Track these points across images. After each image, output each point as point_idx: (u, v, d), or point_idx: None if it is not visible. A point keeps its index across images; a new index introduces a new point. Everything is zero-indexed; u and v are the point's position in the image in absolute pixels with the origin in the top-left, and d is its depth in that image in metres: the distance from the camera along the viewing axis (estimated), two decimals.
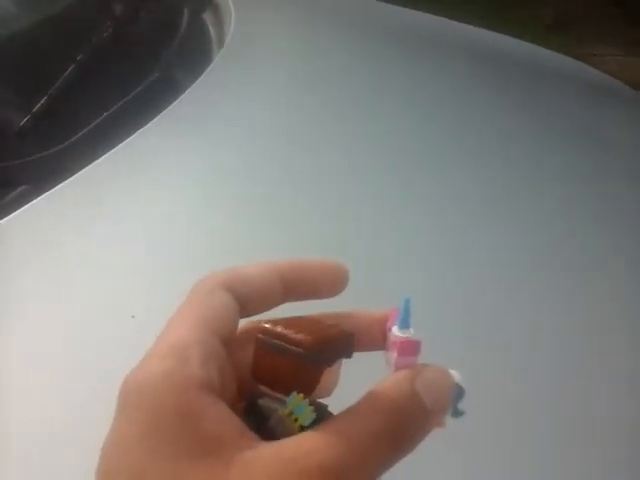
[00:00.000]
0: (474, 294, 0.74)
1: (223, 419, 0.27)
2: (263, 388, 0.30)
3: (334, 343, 0.30)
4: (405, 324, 0.30)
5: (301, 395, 0.28)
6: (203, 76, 1.02)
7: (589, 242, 0.85)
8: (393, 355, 0.29)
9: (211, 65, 1.08)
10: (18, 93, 0.95)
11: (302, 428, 0.28)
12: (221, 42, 1.15)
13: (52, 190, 0.78)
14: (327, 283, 0.33)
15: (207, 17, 1.24)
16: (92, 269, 0.70)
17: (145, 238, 0.75)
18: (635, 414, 0.64)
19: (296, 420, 0.28)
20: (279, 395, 0.29)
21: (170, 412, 0.27)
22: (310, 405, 0.28)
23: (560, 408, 0.63)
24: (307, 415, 0.28)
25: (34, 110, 0.89)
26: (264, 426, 0.29)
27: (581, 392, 0.65)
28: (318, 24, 1.32)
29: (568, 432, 0.61)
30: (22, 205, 0.76)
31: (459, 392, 0.29)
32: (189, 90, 0.99)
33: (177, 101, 0.95)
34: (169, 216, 0.79)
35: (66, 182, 0.80)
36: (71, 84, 0.93)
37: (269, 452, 0.26)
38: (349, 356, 0.30)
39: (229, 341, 0.31)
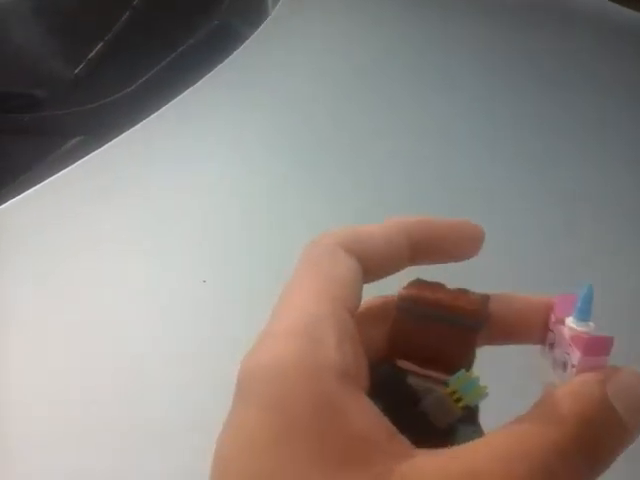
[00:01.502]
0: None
1: (369, 416, 0.22)
2: (404, 364, 0.25)
3: (486, 309, 0.26)
4: (585, 315, 0.25)
5: (470, 372, 0.24)
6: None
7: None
8: (575, 354, 0.24)
9: (268, 18, 1.02)
10: (73, 40, 0.91)
11: (465, 409, 0.24)
12: None
13: (110, 142, 0.74)
14: (460, 244, 0.28)
15: None
16: (159, 234, 0.67)
17: (182, 194, 0.72)
18: None
19: (458, 400, 0.24)
20: (431, 373, 0.25)
21: (306, 406, 0.22)
22: (478, 382, 0.24)
23: None
24: (477, 393, 0.24)
25: (89, 57, 0.84)
26: (408, 408, 0.24)
27: None
28: None
29: None
30: (79, 157, 0.72)
31: None
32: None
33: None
34: (212, 175, 0.75)
35: (123, 135, 0.75)
36: (128, 31, 0.89)
37: (432, 465, 0.21)
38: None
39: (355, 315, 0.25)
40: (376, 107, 0.90)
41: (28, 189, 0.67)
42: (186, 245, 0.65)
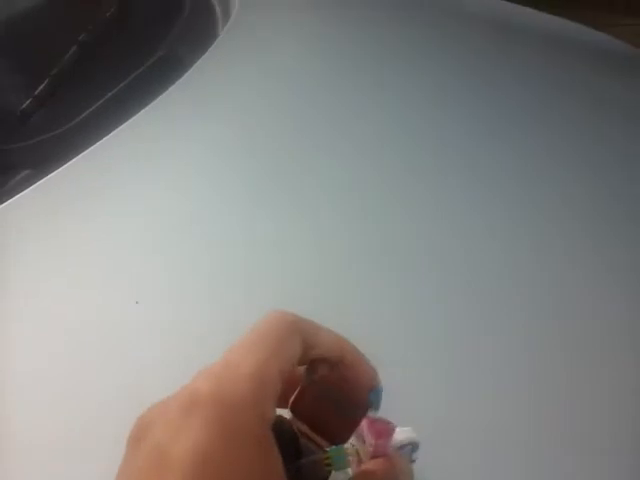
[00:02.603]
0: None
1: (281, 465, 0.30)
2: (301, 426, 0.33)
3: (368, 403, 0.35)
4: (375, 407, 0.35)
5: (346, 448, 0.33)
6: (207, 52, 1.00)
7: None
8: (370, 439, 0.34)
9: (216, 40, 1.05)
10: (19, 75, 0.93)
11: (331, 472, 0.32)
12: (226, 18, 1.12)
13: (53, 173, 0.76)
14: (361, 388, 0.36)
15: None
16: (94, 254, 0.69)
17: (137, 218, 0.74)
18: None
19: (329, 465, 0.32)
20: (317, 438, 0.33)
21: (249, 435, 0.29)
22: (347, 457, 0.33)
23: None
24: (343, 465, 0.32)
25: (36, 93, 0.87)
26: (293, 462, 0.32)
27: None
28: (326, 1, 1.28)
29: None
30: (23, 189, 0.74)
31: (414, 446, 0.36)
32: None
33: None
34: (172, 200, 0.77)
35: (66, 166, 0.78)
36: (73, 65, 0.91)
37: None
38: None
39: None
40: (324, 125, 0.92)
41: None
42: (118, 266, 0.68)
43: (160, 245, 0.71)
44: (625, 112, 1.02)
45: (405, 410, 0.37)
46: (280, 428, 0.32)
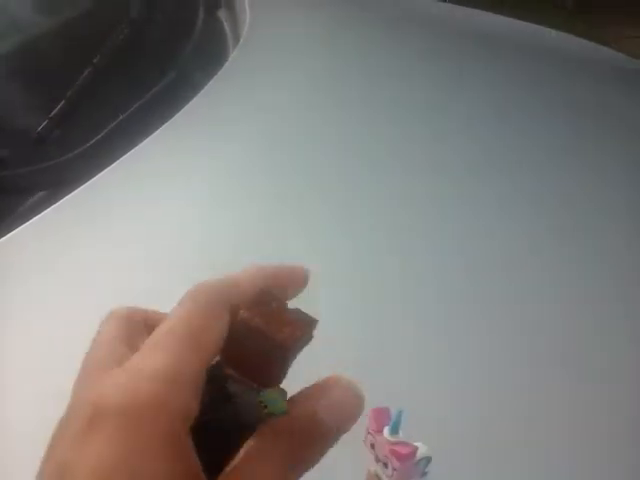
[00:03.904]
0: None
1: (195, 457, 0.28)
2: (229, 370, 0.31)
3: (306, 334, 0.31)
4: (396, 431, 0.35)
5: (279, 389, 0.30)
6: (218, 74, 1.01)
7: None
8: (394, 462, 0.34)
9: (227, 62, 1.07)
10: (35, 99, 0.95)
11: (270, 415, 0.30)
12: (237, 38, 1.14)
13: (69, 195, 0.78)
14: (294, 287, 0.35)
15: (222, 14, 1.23)
16: (110, 272, 0.70)
17: (152, 238, 0.75)
18: None
19: (265, 407, 0.30)
20: (248, 381, 0.31)
21: (158, 440, 0.27)
22: (283, 399, 0.30)
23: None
24: (278, 408, 0.30)
25: (51, 115, 0.88)
26: (223, 406, 0.31)
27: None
28: (334, 18, 1.30)
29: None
30: (39, 211, 0.76)
31: (428, 460, 0.35)
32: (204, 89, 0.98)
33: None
34: (179, 218, 0.79)
35: (82, 187, 0.79)
36: (88, 88, 0.93)
37: None
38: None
39: None
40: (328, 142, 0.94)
41: None
42: (132, 285, 0.69)
43: (175, 263, 0.72)
44: (627, 122, 1.04)
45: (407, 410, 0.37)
46: (211, 373, 0.30)
